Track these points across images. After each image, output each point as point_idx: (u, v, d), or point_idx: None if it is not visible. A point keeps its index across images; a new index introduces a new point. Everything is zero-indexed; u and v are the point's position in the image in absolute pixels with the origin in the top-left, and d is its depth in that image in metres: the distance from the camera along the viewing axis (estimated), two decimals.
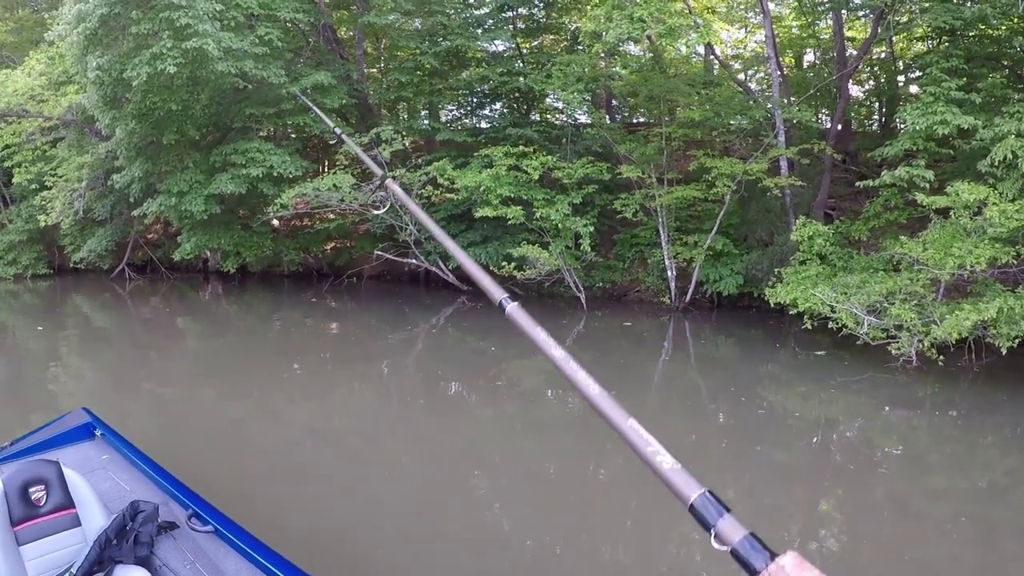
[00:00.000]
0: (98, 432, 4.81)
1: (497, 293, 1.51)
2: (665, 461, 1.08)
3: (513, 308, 1.43)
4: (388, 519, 5.54)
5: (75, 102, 17.27)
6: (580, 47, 15.48)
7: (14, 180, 19.47)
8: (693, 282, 12.81)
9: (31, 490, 3.38)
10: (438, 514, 5.65)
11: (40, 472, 3.45)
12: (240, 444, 7.42)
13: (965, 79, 9.73)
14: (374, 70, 20.42)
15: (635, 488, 6.35)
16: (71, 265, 20.11)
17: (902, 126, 9.78)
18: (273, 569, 3.12)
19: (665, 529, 5.59)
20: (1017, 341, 7.67)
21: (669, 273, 13.04)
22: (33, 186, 19.08)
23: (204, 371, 10.95)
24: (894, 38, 15.07)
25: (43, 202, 18.29)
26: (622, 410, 1.16)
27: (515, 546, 5.19)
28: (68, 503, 3.44)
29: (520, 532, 5.48)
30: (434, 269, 15.60)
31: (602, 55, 15.31)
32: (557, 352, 1.27)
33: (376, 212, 13.47)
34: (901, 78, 15.92)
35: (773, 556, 0.94)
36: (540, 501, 6.03)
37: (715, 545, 0.99)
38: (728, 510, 1.01)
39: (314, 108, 5.37)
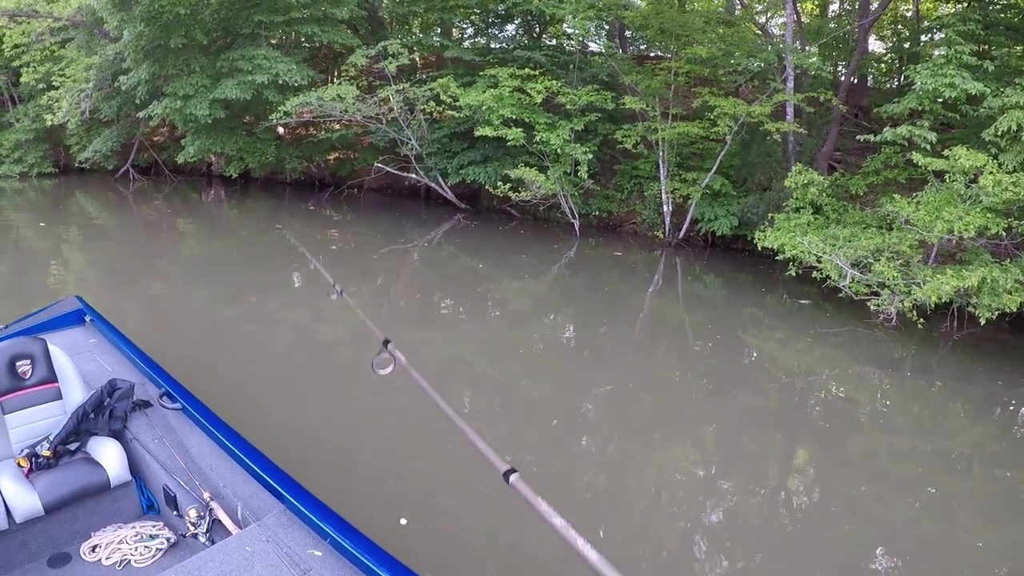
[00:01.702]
0: (88, 318, 5.06)
1: (500, 464, 1.56)
2: None
3: (516, 479, 1.51)
4: (357, 417, 5.84)
5: (85, 3, 17.07)
6: None
7: (22, 80, 19.40)
8: (688, 219, 12.87)
9: (17, 363, 3.61)
10: (405, 415, 5.90)
11: (27, 348, 3.68)
12: (226, 340, 7.73)
13: (984, 46, 9.42)
14: None
15: (614, 414, 6.64)
16: (76, 165, 20.23)
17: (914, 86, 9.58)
18: (229, 444, 3.39)
19: (646, 455, 5.85)
20: (997, 314, 7.60)
21: (665, 208, 13.08)
22: (41, 86, 18.98)
23: (201, 271, 11.21)
24: None
25: (50, 102, 18.21)
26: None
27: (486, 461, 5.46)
28: (51, 377, 3.68)
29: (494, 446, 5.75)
30: (434, 186, 15.65)
31: None
32: (558, 521, 1.37)
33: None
34: (925, 37, 15.50)
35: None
36: (520, 419, 6.30)
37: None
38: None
39: None
